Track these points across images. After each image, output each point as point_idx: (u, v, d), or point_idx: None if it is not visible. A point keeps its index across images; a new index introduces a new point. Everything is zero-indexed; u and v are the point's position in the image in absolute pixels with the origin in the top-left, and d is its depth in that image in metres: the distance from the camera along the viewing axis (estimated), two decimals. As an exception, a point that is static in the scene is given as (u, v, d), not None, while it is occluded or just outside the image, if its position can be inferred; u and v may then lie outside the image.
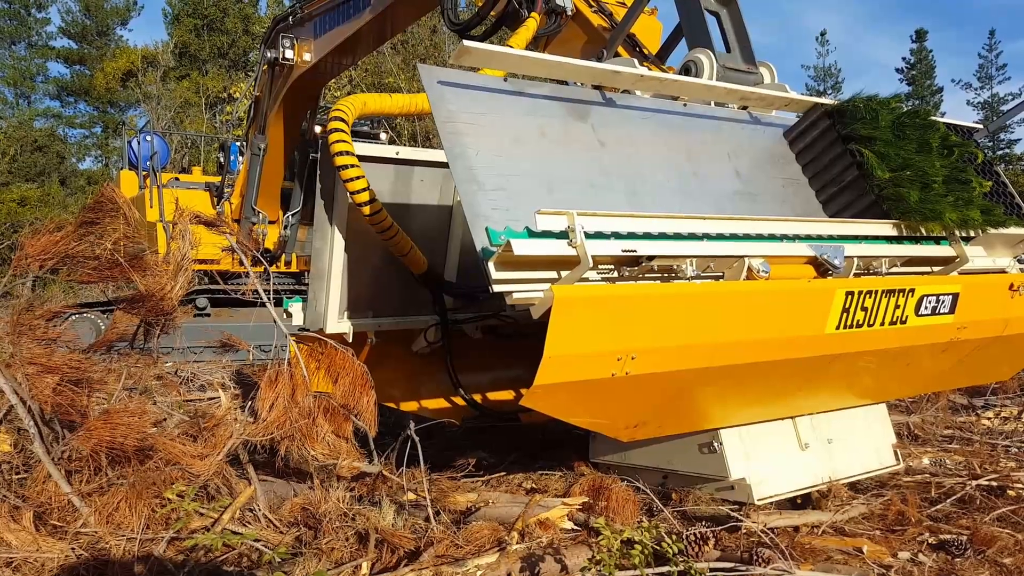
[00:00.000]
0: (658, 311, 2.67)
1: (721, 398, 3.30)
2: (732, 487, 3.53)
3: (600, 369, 2.61)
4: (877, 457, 4.07)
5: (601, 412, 3.04)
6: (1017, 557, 3.00)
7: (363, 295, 4.45)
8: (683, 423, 3.43)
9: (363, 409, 3.77)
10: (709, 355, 2.84)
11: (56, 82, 39.17)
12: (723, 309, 2.81)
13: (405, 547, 2.87)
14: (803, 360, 3.15)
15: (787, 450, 3.74)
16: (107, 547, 2.80)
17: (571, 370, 2.56)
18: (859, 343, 3.19)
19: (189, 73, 33.76)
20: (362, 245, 4.31)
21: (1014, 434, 5.04)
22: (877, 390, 3.97)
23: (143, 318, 3.45)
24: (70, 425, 3.17)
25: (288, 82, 8.23)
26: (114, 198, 3.06)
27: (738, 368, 2.97)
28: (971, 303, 3.47)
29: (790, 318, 2.98)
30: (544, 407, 2.76)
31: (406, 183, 4.47)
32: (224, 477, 3.32)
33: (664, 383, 2.87)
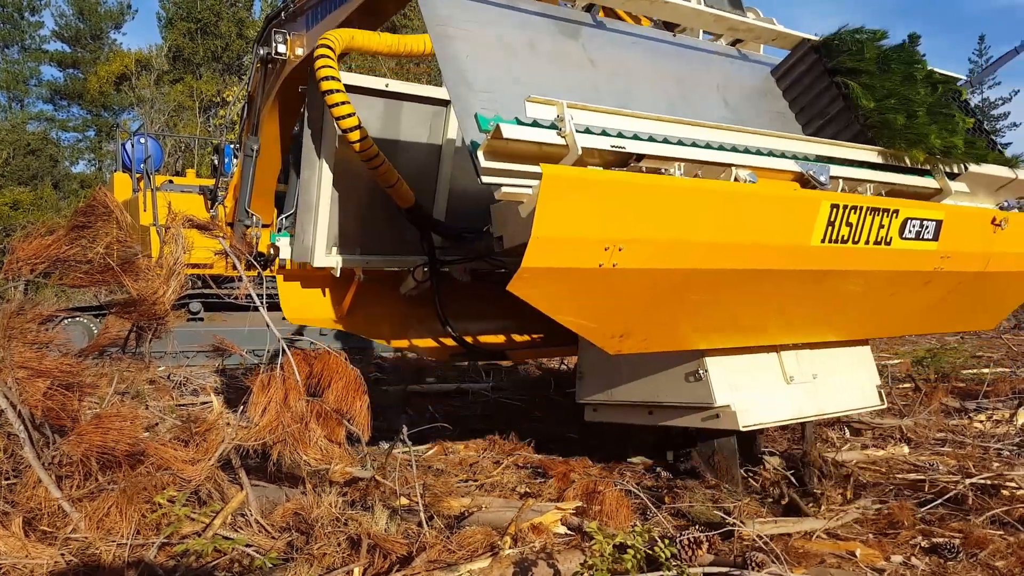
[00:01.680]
0: (648, 201, 2.60)
1: (707, 312, 3.23)
2: (717, 415, 3.55)
3: (587, 258, 2.53)
4: (862, 396, 4.09)
5: (588, 311, 2.92)
6: (1009, 560, 3.01)
7: (351, 231, 4.41)
8: (669, 338, 3.34)
9: (356, 414, 3.75)
10: (696, 255, 2.78)
11: (49, 86, 39.06)
12: (711, 207, 2.75)
13: (398, 552, 2.86)
14: (789, 273, 3.10)
15: (772, 382, 3.74)
16: (97, 553, 2.78)
17: (558, 255, 2.48)
18: (844, 260, 3.15)
19: (183, 77, 33.68)
20: (350, 179, 4.27)
21: (1006, 437, 5.06)
22: (862, 324, 3.93)
23: (135, 322, 3.43)
24: (61, 430, 3.15)
25: (281, 78, 8.22)
26: (106, 202, 3.04)
27: (725, 275, 2.91)
28: (954, 232, 3.44)
29: (776, 224, 2.93)
30: (531, 295, 2.65)
31: (395, 119, 4.42)
32: (216, 482, 3.30)
33: (651, 283, 2.79)
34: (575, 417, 6.05)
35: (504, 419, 5.82)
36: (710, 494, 3.91)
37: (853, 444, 4.92)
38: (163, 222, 3.51)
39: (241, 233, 9.52)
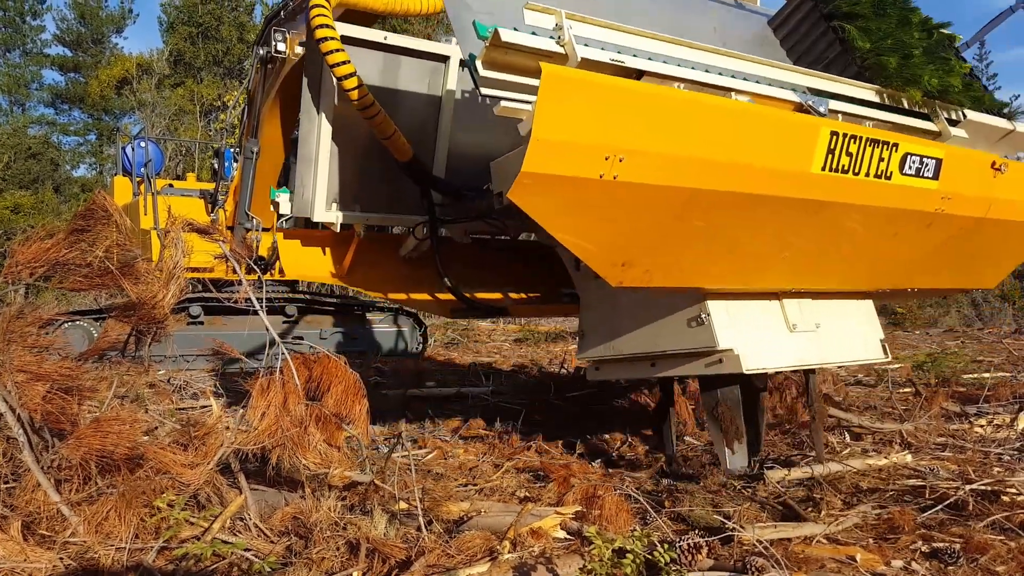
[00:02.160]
0: (651, 111, 2.54)
1: (709, 243, 3.16)
2: (720, 360, 3.51)
3: (588, 166, 2.45)
4: (865, 349, 4.07)
5: (589, 230, 2.82)
6: (1010, 565, 3.00)
7: (351, 187, 4.41)
8: (670, 272, 3.25)
9: (355, 418, 3.75)
10: (697, 174, 2.70)
11: (51, 89, 39.18)
12: (715, 122, 2.70)
13: (396, 557, 2.85)
14: (789, 202, 3.04)
15: (775, 329, 3.70)
16: (96, 557, 2.78)
17: (558, 161, 2.41)
18: (844, 192, 3.10)
19: (184, 81, 33.75)
20: (349, 132, 4.26)
21: (1007, 442, 5.05)
22: (863, 271, 3.88)
23: (135, 326, 3.43)
24: (60, 433, 3.15)
25: (281, 76, 8.25)
26: (105, 205, 3.04)
27: (726, 198, 2.83)
28: (954, 172, 3.41)
29: (776, 146, 2.87)
30: (531, 205, 2.56)
31: (393, 73, 4.40)
32: (215, 486, 3.30)
33: (652, 202, 2.72)
34: (575, 420, 6.05)
35: (504, 423, 5.82)
36: (710, 498, 3.91)
37: (853, 449, 4.91)
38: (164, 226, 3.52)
39: (241, 236, 9.54)
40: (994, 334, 14.55)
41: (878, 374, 8.07)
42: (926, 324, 19.19)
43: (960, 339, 13.33)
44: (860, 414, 5.91)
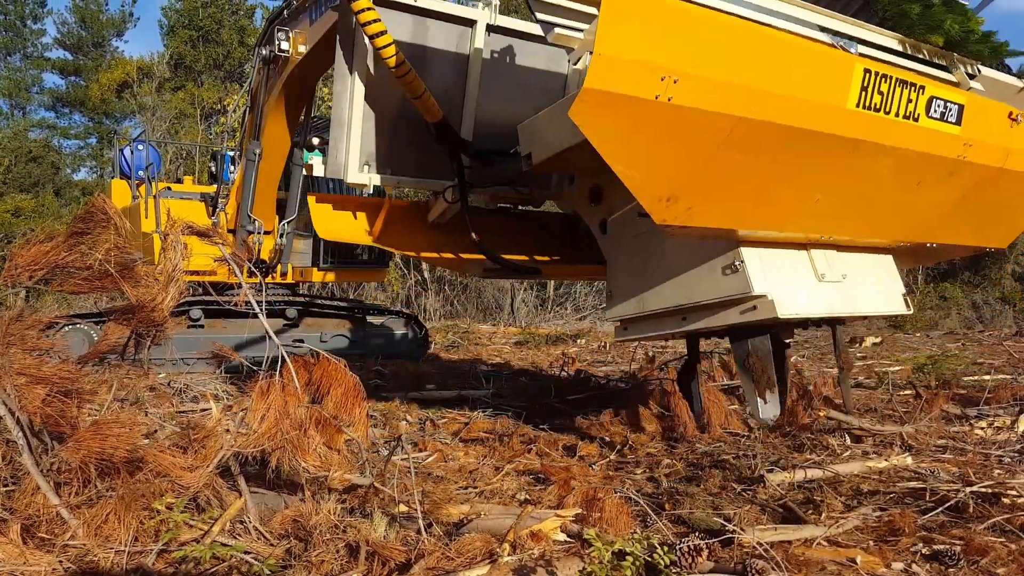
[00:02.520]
0: (705, 34, 2.66)
1: (747, 181, 3.24)
2: (755, 306, 3.61)
3: (645, 86, 2.56)
4: (888, 301, 4.20)
5: (640, 157, 2.90)
6: (1011, 567, 2.99)
7: (382, 150, 4.55)
8: (711, 209, 3.31)
9: (355, 420, 3.75)
10: (743, 101, 2.81)
11: (51, 93, 39.20)
12: (763, 50, 2.82)
13: (396, 559, 2.85)
14: (825, 137, 3.13)
15: (804, 278, 3.80)
16: (95, 560, 2.77)
17: (619, 78, 2.52)
18: (876, 131, 3.21)
19: (184, 84, 33.77)
20: (381, 95, 4.40)
21: (1007, 444, 5.05)
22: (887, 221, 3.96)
23: (134, 329, 3.43)
24: (59, 436, 3.15)
25: (284, 75, 8.28)
26: (105, 208, 3.05)
27: (768, 130, 2.93)
28: (975, 119, 3.52)
29: (817, 79, 2.99)
30: (589, 124, 2.66)
31: (422, 36, 4.51)
32: (214, 489, 3.30)
33: (700, 127, 2.81)
34: (576, 423, 6.05)
35: (504, 426, 5.82)
36: (711, 501, 3.91)
37: (854, 452, 4.91)
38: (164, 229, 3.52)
39: (243, 238, 9.55)
40: (994, 336, 14.54)
41: (879, 376, 8.07)
42: (927, 327, 19.18)
43: (961, 341, 13.32)
44: (860, 416, 5.90)
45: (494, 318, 21.70)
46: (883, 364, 9.32)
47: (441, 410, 6.67)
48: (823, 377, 7.40)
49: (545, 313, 21.85)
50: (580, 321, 20.03)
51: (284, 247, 9.93)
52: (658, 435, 5.71)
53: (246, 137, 9.43)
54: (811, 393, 6.36)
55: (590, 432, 5.76)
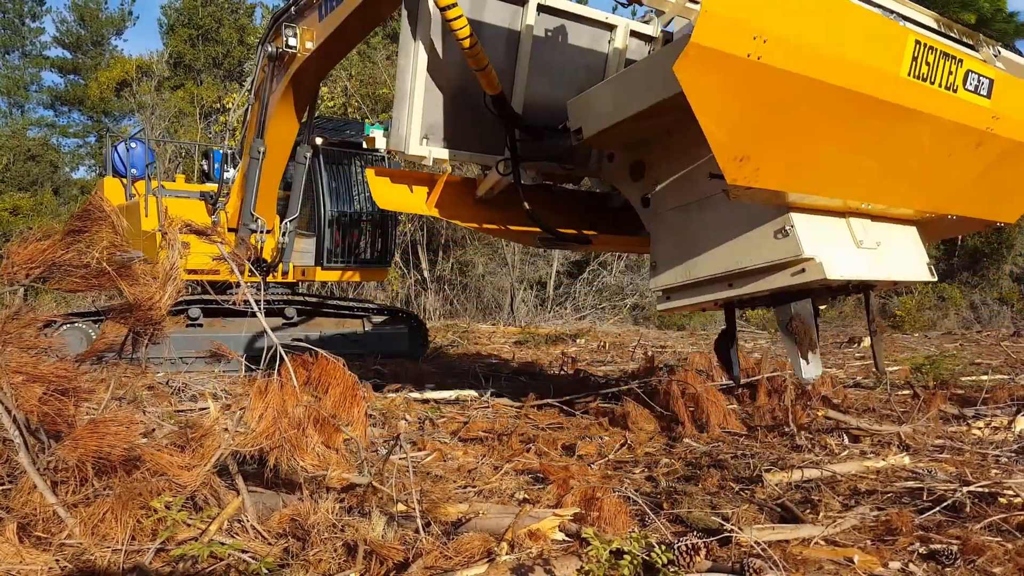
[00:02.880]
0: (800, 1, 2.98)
1: (808, 143, 3.48)
2: (803, 269, 3.81)
3: (742, 44, 2.83)
4: (915, 269, 4.47)
5: (727, 114, 3.16)
6: (1007, 566, 3.00)
7: (441, 124, 4.74)
8: (774, 170, 3.50)
9: (354, 419, 3.75)
10: (818, 64, 3.09)
11: (50, 91, 39.17)
12: (835, 15, 3.10)
13: (394, 558, 2.84)
14: (881, 104, 3.38)
15: (845, 243, 4.04)
16: (92, 558, 2.77)
17: (720, 35, 2.79)
18: (922, 99, 3.46)
19: (184, 83, 33.74)
20: (442, 69, 4.60)
21: (1004, 444, 5.05)
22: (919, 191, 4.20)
23: (132, 327, 3.42)
24: (56, 435, 3.14)
25: (290, 72, 8.33)
26: (102, 206, 3.04)
27: (834, 93, 3.18)
28: (1003, 93, 3.79)
29: (878, 47, 3.28)
30: (689, 78, 2.90)
31: (479, 12, 4.70)
32: (212, 488, 3.29)
33: (779, 87, 3.09)
34: (575, 422, 6.05)
35: (503, 425, 5.82)
36: (709, 500, 3.91)
37: (852, 451, 4.91)
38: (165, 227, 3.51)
39: (246, 236, 9.55)
40: (992, 337, 14.55)
41: (877, 376, 8.07)
42: (925, 327, 19.20)
43: (959, 342, 13.33)
44: (859, 416, 5.90)
45: (494, 318, 21.70)
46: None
47: (440, 409, 6.67)
48: (821, 377, 7.40)
49: (545, 313, 21.86)
50: (580, 321, 20.04)
51: (286, 246, 9.92)
52: (657, 435, 5.71)
53: (248, 135, 9.42)
54: (809, 393, 6.36)
55: (589, 431, 5.76)
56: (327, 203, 10.71)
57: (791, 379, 6.77)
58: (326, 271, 10.89)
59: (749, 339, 14.97)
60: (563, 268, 23.98)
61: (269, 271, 10.10)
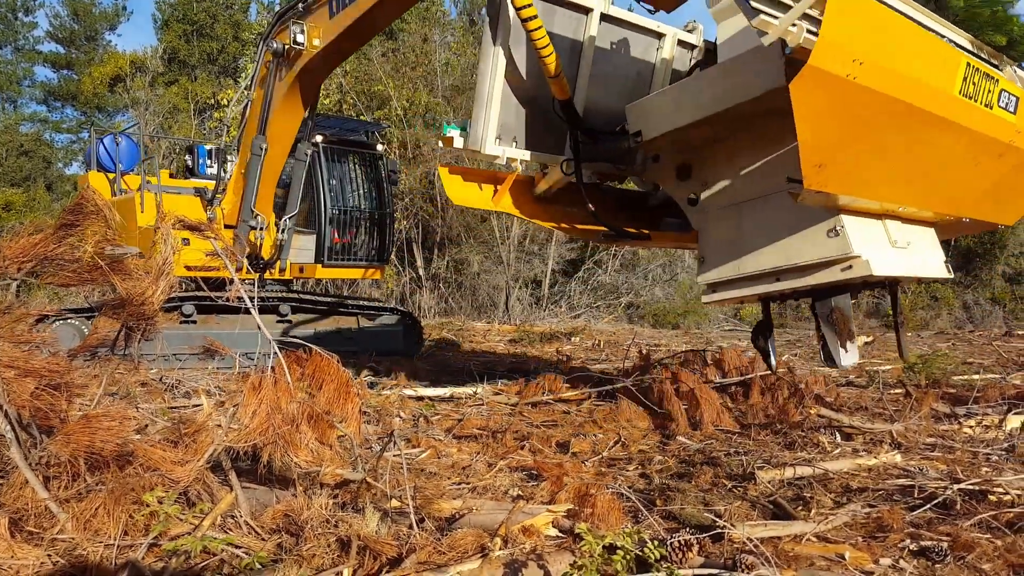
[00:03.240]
0: (880, 25, 3.38)
1: (874, 151, 3.86)
2: (851, 266, 4.15)
3: (844, 66, 3.21)
4: (937, 267, 4.83)
5: (820, 126, 3.51)
6: (996, 563, 3.01)
7: (512, 126, 5.10)
8: (841, 177, 3.85)
9: (348, 416, 3.75)
10: (896, 83, 3.48)
11: (43, 87, 38.95)
12: (908, 39, 3.54)
13: (387, 554, 2.85)
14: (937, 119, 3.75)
15: (883, 243, 4.38)
16: (84, 554, 2.77)
17: (831, 59, 3.17)
18: (968, 115, 3.83)
19: (178, 79, 33.61)
20: (516, 74, 4.96)
21: (995, 442, 5.08)
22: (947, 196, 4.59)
23: (124, 322, 3.41)
24: (49, 430, 3.14)
25: (296, 69, 8.37)
26: (94, 200, 3.03)
27: (903, 109, 3.56)
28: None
29: (939, 68, 3.69)
30: (801, 94, 3.26)
31: (549, 21, 4.98)
32: (205, 484, 3.29)
33: (864, 103, 3.47)
34: (570, 419, 6.06)
35: (498, 422, 5.83)
36: (701, 497, 3.92)
37: (844, 449, 4.93)
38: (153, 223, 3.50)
39: (246, 233, 9.54)
40: (984, 336, 14.62)
41: (869, 375, 8.10)
42: (918, 326, 19.27)
43: (951, 341, 13.39)
44: (851, 414, 5.93)
45: (489, 316, 21.70)
46: (874, 363, 9.36)
47: (434, 406, 6.67)
48: (814, 376, 7.43)
49: (540, 311, 21.86)
50: (575, 319, 20.05)
51: (285, 242, 9.93)
52: (651, 432, 5.72)
53: (246, 131, 9.40)
54: (802, 391, 6.38)
55: (583, 429, 5.77)
56: (328, 200, 10.69)
57: (785, 377, 6.79)
58: (327, 268, 10.89)
59: (743, 338, 15.01)
60: (558, 266, 23.99)
61: (267, 268, 10.10)
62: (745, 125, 4.44)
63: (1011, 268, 24.67)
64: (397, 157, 22.38)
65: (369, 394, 6.84)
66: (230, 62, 33.75)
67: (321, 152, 10.60)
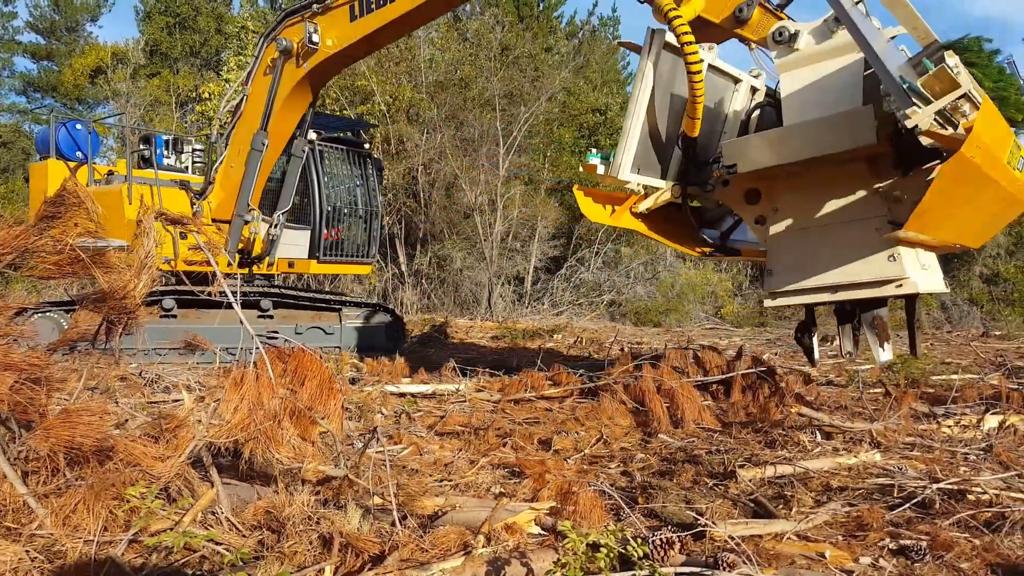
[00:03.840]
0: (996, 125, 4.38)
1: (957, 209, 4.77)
2: (902, 284, 5.21)
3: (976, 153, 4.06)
4: (941, 283, 5.91)
5: (946, 192, 4.40)
6: (974, 562, 3.06)
7: (642, 156, 5.90)
8: (937, 225, 4.85)
9: (330, 412, 3.73)
10: (992, 165, 4.29)
11: (22, 77, 38.33)
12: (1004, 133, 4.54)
13: (370, 551, 2.84)
14: (997, 185, 4.53)
15: (917, 266, 5.37)
16: (63, 550, 2.73)
17: (972, 148, 4.02)
18: (1009, 179, 4.59)
19: (160, 71, 33.24)
20: (655, 113, 5.78)
21: (973, 442, 5.14)
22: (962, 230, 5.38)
23: (105, 316, 3.37)
24: (28, 425, 3.09)
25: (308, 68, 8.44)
26: (75, 191, 2.98)
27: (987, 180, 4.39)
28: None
29: (1007, 146, 4.49)
30: (948, 173, 4.23)
31: (671, 70, 5.84)
32: (186, 480, 3.26)
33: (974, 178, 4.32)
34: (552, 417, 6.06)
35: (480, 419, 5.82)
36: (683, 495, 3.94)
37: (824, 448, 4.97)
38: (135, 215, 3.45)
39: (239, 227, 9.49)
40: (962, 337, 14.80)
41: (849, 375, 8.18)
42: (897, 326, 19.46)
43: (929, 341, 13.54)
44: (831, 413, 5.98)
45: (471, 312, 21.68)
46: (854, 363, 9.45)
47: (416, 403, 6.65)
48: (795, 375, 7.49)
49: (522, 308, 21.87)
50: (557, 316, 20.08)
51: (276, 238, 9.91)
52: (633, 430, 5.74)
53: (238, 127, 9.34)
54: (784, 390, 6.43)
55: (566, 426, 5.78)
56: (323, 197, 10.70)
57: (765, 376, 6.84)
58: (322, 264, 10.93)
59: (724, 336, 15.09)
60: (541, 264, 24.01)
61: (255, 263, 10.08)
62: (821, 166, 5.29)
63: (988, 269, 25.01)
64: (381, 153, 22.29)
65: (351, 390, 6.81)
66: (212, 55, 33.42)
67: (316, 149, 10.60)
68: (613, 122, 27.55)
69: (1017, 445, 5.04)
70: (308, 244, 10.68)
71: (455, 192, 23.51)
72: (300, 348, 3.82)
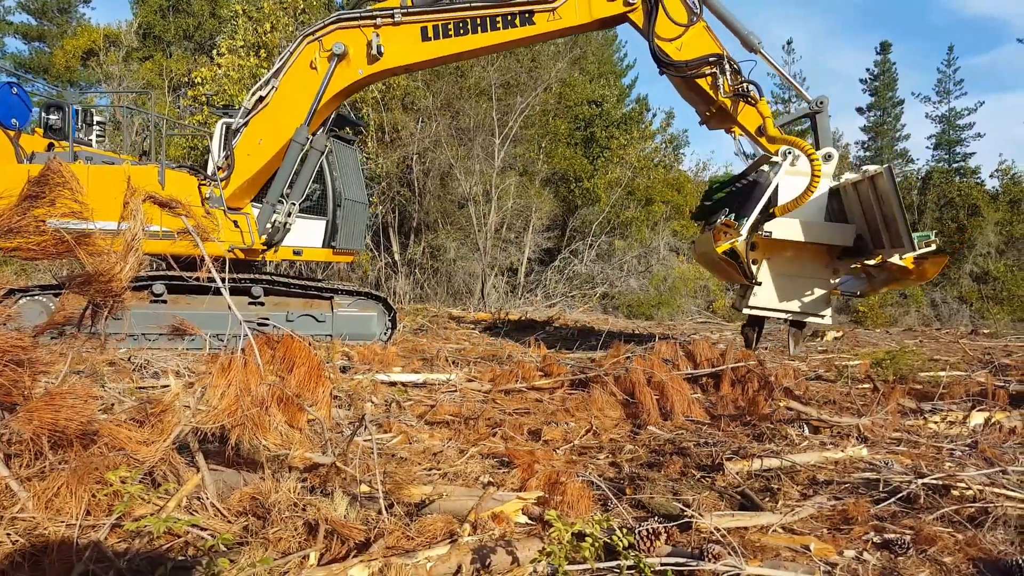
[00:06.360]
0: None
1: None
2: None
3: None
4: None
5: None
6: (957, 556, 3.07)
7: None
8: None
9: (318, 400, 3.71)
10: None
11: (13, 59, 37.96)
12: None
13: (355, 538, 2.83)
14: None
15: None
16: (45, 533, 2.71)
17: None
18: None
19: (152, 55, 32.96)
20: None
21: (959, 438, 5.17)
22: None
23: (91, 299, 3.34)
24: (11, 407, 3.06)
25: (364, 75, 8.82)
26: (60, 171, 2.95)
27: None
28: None
29: None
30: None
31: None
32: (171, 465, 3.24)
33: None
34: (542, 407, 6.06)
35: (470, 409, 5.81)
36: (671, 487, 3.95)
37: (812, 442, 4.99)
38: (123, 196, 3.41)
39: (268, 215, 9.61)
40: (951, 334, 14.88)
41: (838, 370, 8.21)
42: (886, 323, 19.56)
43: (919, 338, 13.61)
44: (819, 408, 6.00)
45: (464, 303, 21.65)
46: (843, 358, 9.48)
47: (407, 392, 6.64)
48: (784, 368, 7.51)
49: (515, 299, 21.86)
50: (550, 308, 20.08)
51: (290, 226, 9.99)
52: (622, 421, 5.75)
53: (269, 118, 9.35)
54: (772, 384, 6.45)
55: (556, 417, 5.78)
56: (338, 188, 10.78)
57: (755, 370, 6.86)
58: (339, 254, 11.10)
59: (715, 330, 15.13)
60: (534, 255, 23.99)
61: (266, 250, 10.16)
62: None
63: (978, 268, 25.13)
64: (375, 141, 22.20)
65: (341, 378, 6.79)
66: (206, 39, 33.14)
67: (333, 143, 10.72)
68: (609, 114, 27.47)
69: (1002, 441, 5.07)
70: (322, 234, 10.78)
71: (450, 182, 23.44)
72: (289, 335, 3.79)
